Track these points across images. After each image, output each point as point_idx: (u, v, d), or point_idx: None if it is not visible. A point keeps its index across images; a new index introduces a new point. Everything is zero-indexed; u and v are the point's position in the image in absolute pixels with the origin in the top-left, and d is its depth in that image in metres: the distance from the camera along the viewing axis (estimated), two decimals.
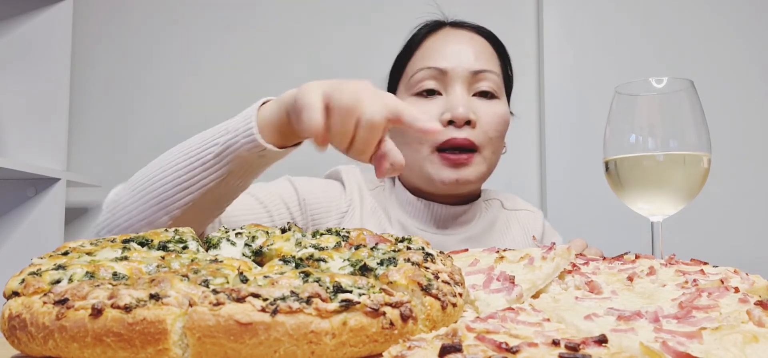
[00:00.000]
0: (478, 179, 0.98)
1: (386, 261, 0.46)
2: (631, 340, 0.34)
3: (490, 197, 1.12)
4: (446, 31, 1.03)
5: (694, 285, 0.51)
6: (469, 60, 0.97)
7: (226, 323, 0.35)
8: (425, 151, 0.95)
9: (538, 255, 0.58)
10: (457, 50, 0.98)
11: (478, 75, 0.97)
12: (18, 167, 1.44)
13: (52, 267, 0.42)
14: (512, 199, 1.14)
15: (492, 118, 0.96)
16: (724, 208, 1.83)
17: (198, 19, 2.01)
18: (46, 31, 1.72)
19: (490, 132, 0.96)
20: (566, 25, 1.90)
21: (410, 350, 0.31)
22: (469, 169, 0.95)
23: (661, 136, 0.69)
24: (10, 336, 0.39)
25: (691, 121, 0.69)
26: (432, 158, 0.95)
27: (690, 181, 0.69)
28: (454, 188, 0.97)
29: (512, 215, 1.11)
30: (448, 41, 0.99)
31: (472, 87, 0.97)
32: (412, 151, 0.96)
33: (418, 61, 0.99)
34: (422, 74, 0.97)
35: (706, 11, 1.89)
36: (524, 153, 1.91)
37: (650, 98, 0.71)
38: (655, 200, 0.70)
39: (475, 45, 1.00)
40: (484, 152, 0.96)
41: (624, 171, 0.71)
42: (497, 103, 0.98)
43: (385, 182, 1.08)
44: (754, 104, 1.86)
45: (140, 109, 2.00)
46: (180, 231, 0.56)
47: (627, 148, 0.70)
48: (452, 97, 0.95)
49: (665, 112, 0.70)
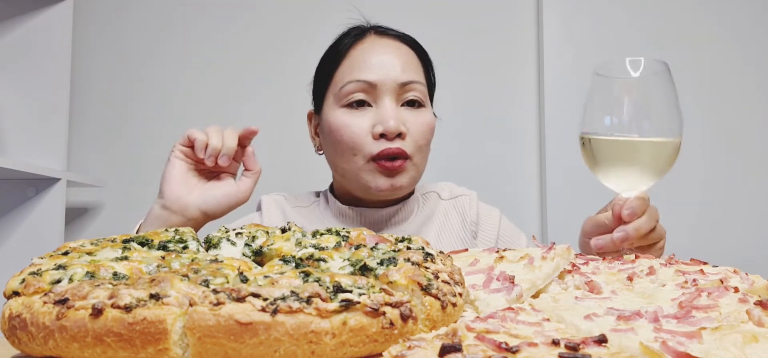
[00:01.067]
0: (410, 184, 1.02)
1: (386, 261, 0.46)
2: (631, 340, 0.34)
3: (427, 191, 1.15)
4: (372, 39, 1.04)
5: (694, 285, 0.51)
6: (396, 72, 0.99)
7: (227, 323, 0.35)
8: (360, 162, 0.99)
9: (538, 255, 0.58)
10: (384, 61, 1.00)
11: (405, 86, 1.00)
12: (18, 167, 1.44)
13: (53, 267, 0.42)
14: (448, 188, 1.17)
15: (420, 128, 1.00)
16: (724, 208, 1.83)
17: (198, 19, 2.01)
18: (46, 31, 1.72)
19: (419, 140, 1.00)
20: (566, 25, 1.90)
21: (410, 350, 0.31)
22: (402, 177, 0.99)
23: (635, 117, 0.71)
24: (11, 336, 0.39)
25: (664, 103, 0.72)
26: (367, 167, 0.99)
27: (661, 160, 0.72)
28: (388, 194, 1.01)
29: (449, 204, 1.13)
30: (375, 51, 1.01)
31: (400, 98, 1.00)
32: (347, 162, 1.00)
33: (346, 73, 1.01)
34: (351, 86, 0.99)
35: (708, 12, 1.89)
36: (524, 153, 1.92)
37: (626, 79, 0.73)
38: (628, 177, 0.73)
39: (401, 55, 1.02)
40: (415, 159, 1.01)
41: (598, 149, 0.73)
42: (424, 112, 1.02)
43: (319, 200, 1.13)
44: (757, 106, 1.86)
45: (140, 109, 2.00)
46: (180, 231, 0.56)
47: (602, 127, 0.73)
48: (383, 111, 0.98)
49: (640, 94, 0.73)
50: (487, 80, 1.95)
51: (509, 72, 1.95)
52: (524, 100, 1.94)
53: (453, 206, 1.13)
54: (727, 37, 1.88)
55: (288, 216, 1.09)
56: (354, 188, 1.03)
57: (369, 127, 0.98)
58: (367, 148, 0.97)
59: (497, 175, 1.90)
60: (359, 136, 0.98)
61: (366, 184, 0.99)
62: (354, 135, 0.98)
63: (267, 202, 1.11)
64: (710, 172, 1.84)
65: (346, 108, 1.00)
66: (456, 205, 1.13)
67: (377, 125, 0.97)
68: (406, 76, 1.00)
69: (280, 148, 1.87)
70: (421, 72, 1.04)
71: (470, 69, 1.95)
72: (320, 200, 1.13)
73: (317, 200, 1.14)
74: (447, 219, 1.11)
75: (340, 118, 0.99)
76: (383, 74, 0.98)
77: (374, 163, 0.97)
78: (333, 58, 1.04)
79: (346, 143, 0.99)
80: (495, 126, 1.92)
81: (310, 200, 1.14)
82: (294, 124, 1.92)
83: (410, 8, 1.95)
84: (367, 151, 0.97)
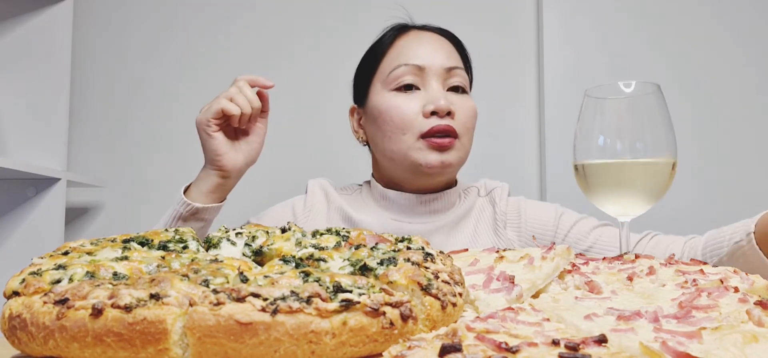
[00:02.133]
0: (458, 162, 1.06)
1: (386, 261, 0.46)
2: (631, 340, 0.34)
3: (468, 186, 1.19)
4: (415, 32, 1.10)
5: (694, 285, 0.51)
6: (441, 58, 1.05)
7: (227, 323, 0.35)
8: (411, 140, 1.03)
9: (537, 255, 0.58)
10: (430, 49, 1.06)
11: (451, 71, 1.05)
12: (18, 167, 1.44)
13: (53, 267, 0.42)
14: (484, 183, 1.20)
15: (467, 111, 1.05)
16: (723, 208, 1.83)
17: (198, 19, 2.01)
18: (46, 31, 1.72)
19: (467, 123, 1.05)
20: (566, 25, 1.90)
21: (410, 350, 0.31)
22: (452, 154, 1.03)
23: (628, 139, 0.71)
24: (11, 336, 0.39)
25: (657, 125, 0.71)
26: (417, 145, 1.02)
27: (655, 183, 0.71)
28: (438, 171, 1.04)
29: (485, 200, 1.17)
30: (420, 42, 1.08)
31: (446, 82, 1.05)
32: (397, 142, 1.04)
33: (393, 59, 1.07)
34: (400, 71, 1.04)
35: (707, 11, 1.89)
36: (524, 153, 1.92)
37: (618, 102, 0.72)
38: (623, 202, 0.72)
39: (444, 45, 1.08)
40: (463, 140, 1.05)
41: (591, 174, 0.73)
42: (468, 98, 1.08)
43: (362, 187, 1.18)
44: (756, 103, 1.86)
45: (140, 109, 2.00)
46: (180, 231, 0.56)
47: (595, 151, 0.72)
48: (431, 91, 1.03)
49: (632, 116, 0.71)
50: (487, 80, 1.95)
51: (509, 72, 1.95)
52: (524, 100, 1.94)
53: (488, 200, 1.16)
54: (728, 34, 1.88)
55: (332, 199, 1.14)
56: (402, 169, 1.06)
57: (419, 108, 1.02)
58: (418, 126, 1.01)
59: (497, 175, 1.90)
60: (409, 116, 1.02)
61: (416, 161, 1.03)
62: (404, 114, 1.02)
63: (312, 186, 1.17)
64: (710, 172, 1.84)
65: (395, 91, 1.04)
66: (489, 198, 1.17)
67: (428, 104, 1.02)
68: (450, 62, 1.05)
69: (281, 148, 1.87)
70: (462, 63, 1.10)
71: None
72: (363, 188, 1.18)
73: (359, 188, 1.19)
74: (483, 213, 1.14)
75: (389, 100, 1.04)
76: (430, 59, 1.04)
77: (424, 140, 1.02)
78: (378, 50, 1.10)
79: (396, 123, 1.03)
80: (495, 125, 1.92)
81: (352, 189, 1.19)
82: (295, 124, 1.92)
83: (410, 8, 1.94)
84: (417, 129, 1.02)
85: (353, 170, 1.48)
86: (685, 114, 1.84)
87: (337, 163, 1.83)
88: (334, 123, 1.88)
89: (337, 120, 1.80)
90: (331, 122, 1.88)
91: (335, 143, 1.87)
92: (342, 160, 1.78)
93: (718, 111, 1.87)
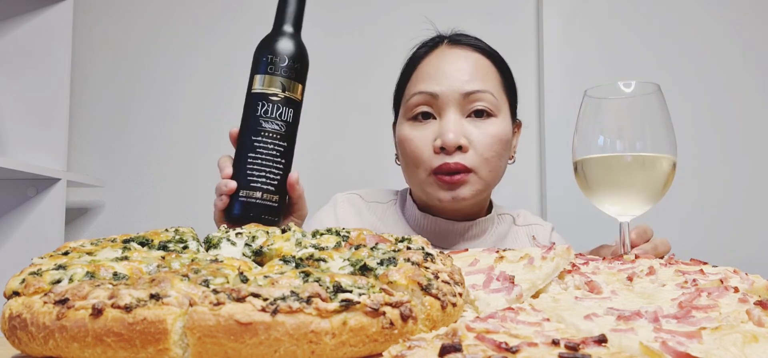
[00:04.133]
0: (474, 196, 0.99)
1: (386, 261, 0.46)
2: (631, 340, 0.34)
3: (504, 212, 1.14)
4: (442, 50, 1.03)
5: (694, 285, 0.51)
6: (461, 81, 0.98)
7: (227, 323, 0.35)
8: (423, 175, 0.99)
9: (537, 255, 0.58)
10: (451, 70, 0.99)
11: (470, 96, 0.98)
12: (18, 167, 1.44)
13: (53, 267, 0.42)
14: (524, 215, 1.16)
15: (486, 140, 0.98)
16: (723, 208, 1.83)
17: (198, 19, 2.01)
18: (46, 31, 1.72)
19: (485, 153, 0.98)
20: (566, 25, 1.90)
21: (410, 350, 0.31)
22: (465, 189, 0.98)
23: (627, 139, 0.71)
24: (11, 336, 0.39)
25: (657, 124, 0.71)
26: (429, 181, 0.99)
27: (655, 183, 0.71)
28: (452, 206, 1.00)
29: (523, 230, 1.13)
30: (443, 61, 1.01)
31: (466, 108, 0.98)
32: (412, 175, 1.02)
33: (413, 85, 1.02)
34: (416, 99, 1.00)
35: (707, 12, 1.89)
36: (524, 153, 1.91)
37: (618, 102, 0.72)
38: (622, 201, 0.72)
39: (470, 63, 1.00)
40: (480, 172, 0.98)
41: (591, 173, 0.72)
42: (492, 123, 0.99)
43: (397, 199, 1.13)
44: (756, 103, 1.86)
45: (140, 109, 2.00)
46: (180, 231, 0.56)
47: (595, 151, 0.72)
48: (444, 123, 0.97)
49: (632, 116, 0.71)
50: None
51: None
52: (524, 100, 1.94)
53: (526, 233, 1.12)
54: (729, 31, 1.88)
55: (362, 215, 1.10)
56: (423, 199, 1.04)
57: (431, 140, 0.98)
58: (428, 162, 0.98)
59: None
60: (421, 150, 0.98)
61: (429, 195, 1.00)
62: (416, 149, 0.99)
63: (342, 200, 1.13)
64: (710, 172, 1.84)
65: (412, 121, 1.01)
66: (529, 233, 1.13)
67: (437, 139, 0.97)
68: (471, 86, 0.98)
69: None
70: (493, 79, 1.02)
71: None
72: (397, 200, 1.14)
73: (395, 199, 1.14)
74: (516, 243, 1.10)
75: (405, 131, 1.01)
76: (446, 85, 0.98)
77: (435, 176, 0.97)
78: (407, 71, 1.06)
79: (409, 157, 1.00)
80: None
81: (387, 196, 1.14)
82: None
83: (410, 9, 1.94)
84: (428, 164, 0.98)
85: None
86: (686, 114, 1.84)
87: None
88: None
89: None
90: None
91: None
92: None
93: (719, 111, 1.87)
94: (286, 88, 0.78)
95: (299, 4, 0.82)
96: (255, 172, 0.76)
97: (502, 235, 1.10)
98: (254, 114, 0.77)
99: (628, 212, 0.73)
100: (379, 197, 1.14)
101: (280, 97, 0.77)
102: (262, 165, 0.76)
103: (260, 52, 0.80)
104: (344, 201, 1.12)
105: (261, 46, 0.81)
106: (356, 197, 1.13)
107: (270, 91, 0.77)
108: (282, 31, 0.81)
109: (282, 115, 0.77)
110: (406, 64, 1.07)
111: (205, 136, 1.93)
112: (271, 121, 0.77)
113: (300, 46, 0.81)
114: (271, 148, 0.77)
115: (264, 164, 0.76)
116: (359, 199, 1.13)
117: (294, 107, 0.78)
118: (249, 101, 0.78)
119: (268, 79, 0.78)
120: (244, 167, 0.76)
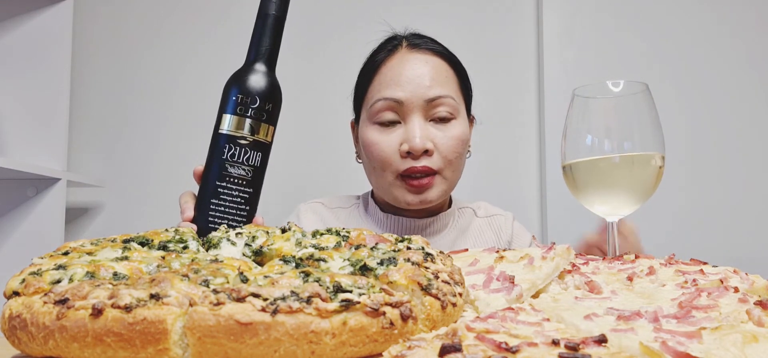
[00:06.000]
0: (440, 196, 1.05)
1: (386, 261, 0.46)
2: (631, 340, 0.34)
3: (463, 206, 1.18)
4: (403, 54, 1.05)
5: (694, 285, 0.51)
6: (424, 86, 1.01)
7: (227, 323, 0.35)
8: (390, 178, 1.03)
9: (537, 255, 0.58)
10: (413, 76, 1.02)
11: (433, 102, 1.01)
12: (18, 167, 1.44)
13: (53, 267, 0.42)
14: (484, 206, 1.20)
15: (449, 142, 1.02)
16: (723, 208, 1.83)
17: (198, 19, 2.01)
18: (46, 31, 1.72)
19: (449, 155, 1.02)
20: (566, 25, 1.90)
21: (410, 350, 0.31)
22: (432, 191, 1.02)
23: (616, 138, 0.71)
24: (11, 336, 0.39)
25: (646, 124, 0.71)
26: (396, 184, 1.03)
27: (643, 182, 0.71)
28: (418, 207, 1.04)
29: (485, 221, 1.17)
30: (405, 67, 1.03)
31: (429, 113, 1.02)
32: (378, 177, 1.04)
33: (375, 91, 1.04)
34: (380, 105, 1.02)
35: (707, 12, 1.89)
36: (524, 153, 1.92)
37: (606, 101, 0.72)
38: (610, 201, 0.72)
39: (430, 68, 1.03)
40: (445, 173, 1.03)
41: (579, 173, 0.72)
42: (454, 126, 1.03)
43: (359, 203, 1.17)
44: (757, 102, 1.86)
45: (140, 109, 2.00)
46: (180, 231, 0.56)
47: (583, 151, 0.72)
48: (409, 129, 1.00)
49: (620, 115, 0.71)
50: (487, 81, 1.95)
51: (509, 72, 1.95)
52: (524, 100, 1.94)
53: (488, 223, 1.16)
54: (727, 31, 1.88)
55: (327, 222, 1.12)
56: (387, 199, 1.07)
57: (397, 145, 1.01)
58: (395, 165, 1.01)
59: (497, 175, 1.90)
60: (387, 154, 1.01)
61: (396, 198, 1.03)
62: (383, 153, 1.01)
63: (305, 210, 1.15)
64: (710, 172, 1.84)
65: (377, 126, 1.03)
66: (491, 223, 1.16)
67: (404, 143, 1.00)
68: (433, 92, 1.01)
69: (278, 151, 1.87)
70: (452, 84, 1.05)
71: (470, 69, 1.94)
72: (360, 203, 1.17)
73: (357, 203, 1.17)
74: (481, 235, 1.14)
75: (370, 135, 1.03)
76: (410, 90, 1.00)
77: (402, 180, 1.01)
78: (367, 74, 1.07)
79: (376, 160, 1.02)
80: (495, 126, 1.92)
81: (350, 202, 1.18)
82: (297, 124, 1.92)
83: (409, 9, 1.95)
84: (395, 168, 1.01)
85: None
86: (684, 114, 1.84)
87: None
88: (334, 129, 1.88)
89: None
90: (332, 128, 1.88)
91: (336, 152, 1.87)
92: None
93: (720, 110, 1.87)
94: (256, 130, 0.72)
95: (275, 39, 0.77)
96: (217, 219, 0.71)
97: (464, 227, 1.14)
98: (220, 157, 0.72)
99: (616, 211, 0.73)
100: (342, 203, 1.17)
101: (249, 141, 0.72)
102: (224, 212, 0.72)
103: (229, 89, 0.74)
104: (307, 210, 1.15)
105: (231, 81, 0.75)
106: (319, 205, 1.16)
107: (238, 134, 0.72)
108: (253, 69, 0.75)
109: (250, 160, 0.72)
110: (366, 66, 1.09)
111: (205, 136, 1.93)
112: (238, 167, 0.72)
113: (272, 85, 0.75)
114: (236, 195, 0.72)
115: (227, 211, 0.72)
116: (322, 206, 1.16)
117: (263, 151, 0.73)
118: (215, 141, 0.73)
119: (237, 120, 0.72)
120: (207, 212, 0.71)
